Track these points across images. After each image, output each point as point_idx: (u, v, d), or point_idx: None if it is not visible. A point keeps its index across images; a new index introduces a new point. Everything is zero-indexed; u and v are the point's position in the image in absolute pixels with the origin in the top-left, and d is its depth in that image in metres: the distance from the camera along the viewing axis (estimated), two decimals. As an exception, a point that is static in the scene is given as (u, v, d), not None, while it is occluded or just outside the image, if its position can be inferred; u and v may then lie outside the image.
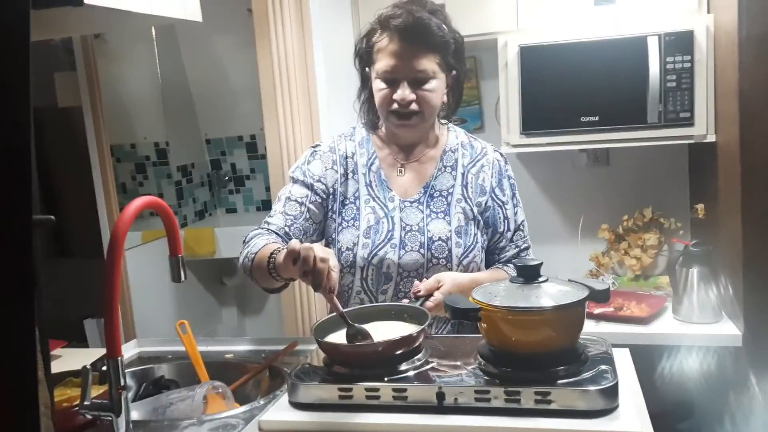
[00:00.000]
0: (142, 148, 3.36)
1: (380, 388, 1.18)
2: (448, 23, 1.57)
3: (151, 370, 1.65)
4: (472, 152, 1.66)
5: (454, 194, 1.61)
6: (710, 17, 2.20)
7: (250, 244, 1.56)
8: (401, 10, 1.53)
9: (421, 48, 1.51)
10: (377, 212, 1.59)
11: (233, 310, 3.78)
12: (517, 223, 1.67)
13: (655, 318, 2.28)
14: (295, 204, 1.61)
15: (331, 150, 1.66)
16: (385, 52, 1.53)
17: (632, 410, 1.11)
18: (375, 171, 1.63)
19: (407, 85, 1.52)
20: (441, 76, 1.55)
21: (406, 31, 1.50)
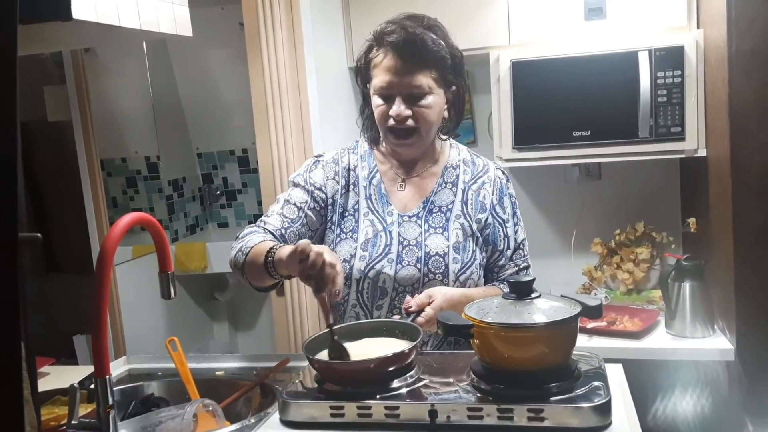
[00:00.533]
0: (133, 163, 3.35)
1: (372, 406, 1.17)
2: (446, 38, 1.56)
3: (140, 388, 1.63)
4: (473, 169, 1.65)
5: (454, 210, 1.60)
6: (700, 32, 2.22)
7: (245, 239, 1.55)
8: (396, 25, 1.53)
9: (416, 64, 1.50)
10: (376, 225, 1.59)
11: (225, 325, 3.76)
12: (518, 241, 1.66)
13: (648, 332, 2.27)
14: (294, 208, 1.61)
15: (334, 161, 1.67)
16: (381, 68, 1.53)
17: (626, 427, 1.10)
18: (375, 185, 1.63)
19: (403, 101, 1.52)
20: (438, 92, 1.55)
21: (400, 46, 1.50)
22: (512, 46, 2.43)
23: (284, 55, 2.29)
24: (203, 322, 3.67)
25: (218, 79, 3.53)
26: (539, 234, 2.79)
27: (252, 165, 3.57)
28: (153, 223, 1.24)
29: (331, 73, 2.52)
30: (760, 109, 1.93)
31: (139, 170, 3.35)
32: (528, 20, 2.41)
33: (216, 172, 3.68)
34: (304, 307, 2.42)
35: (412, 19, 1.55)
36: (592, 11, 2.34)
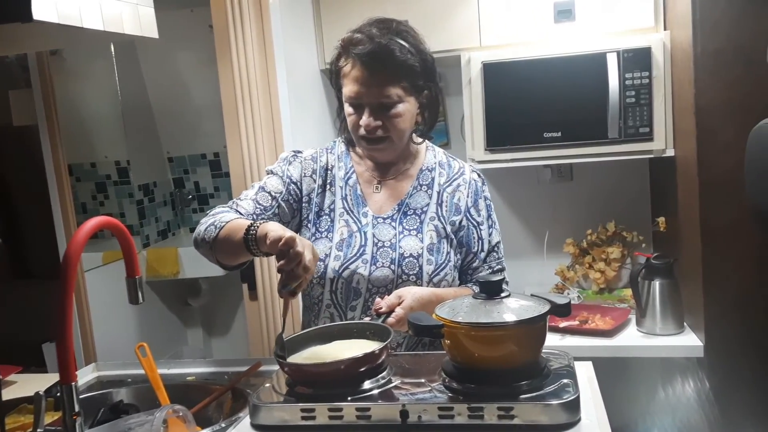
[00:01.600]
0: (102, 167, 3.31)
1: (343, 407, 1.16)
2: (417, 43, 1.54)
3: (109, 395, 1.61)
4: (449, 171, 1.65)
5: (428, 212, 1.60)
6: (666, 34, 2.25)
7: (218, 216, 1.52)
8: (362, 35, 1.51)
9: (385, 74, 1.49)
10: (351, 226, 1.59)
11: (199, 330, 3.72)
12: (492, 244, 1.66)
13: (620, 330, 2.29)
14: (268, 196, 1.60)
15: (313, 159, 1.66)
16: (350, 78, 1.52)
17: (594, 423, 1.11)
18: (352, 185, 1.63)
19: (371, 111, 1.51)
20: (409, 99, 1.54)
21: (367, 58, 1.48)
22: (483, 48, 2.44)
23: (254, 57, 2.28)
24: (176, 328, 3.63)
25: (189, 82, 3.50)
26: (513, 235, 2.80)
27: (224, 169, 3.55)
28: (119, 227, 1.22)
29: (303, 75, 2.51)
30: (725, 109, 1.97)
31: (109, 175, 3.31)
32: (498, 22, 2.42)
33: (187, 176, 3.65)
34: (278, 311, 2.41)
35: (380, 25, 1.53)
36: (561, 13, 2.36)
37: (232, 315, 3.66)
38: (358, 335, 1.36)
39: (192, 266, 3.27)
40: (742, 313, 2.03)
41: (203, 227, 1.52)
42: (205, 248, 1.51)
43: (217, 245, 1.47)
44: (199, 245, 1.53)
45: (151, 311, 3.41)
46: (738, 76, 1.94)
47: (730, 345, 2.06)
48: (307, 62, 2.58)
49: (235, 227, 1.44)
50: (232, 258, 1.50)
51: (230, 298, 3.56)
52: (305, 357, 1.32)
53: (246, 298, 2.48)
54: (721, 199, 1.99)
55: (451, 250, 1.59)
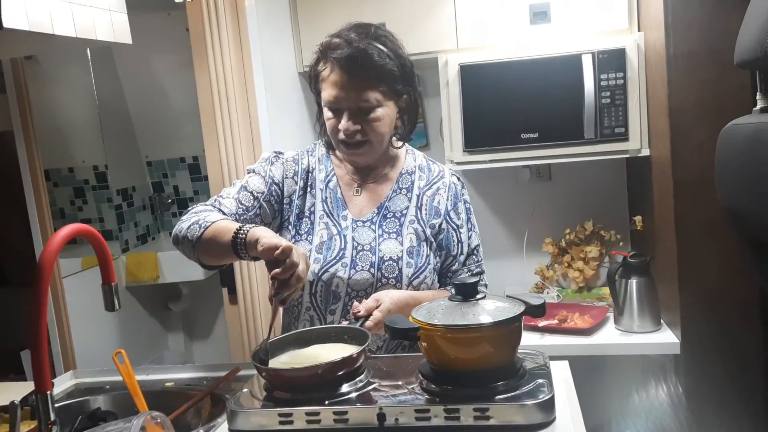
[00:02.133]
0: (80, 172, 3.28)
1: (321, 411, 1.16)
2: (395, 48, 1.54)
3: (87, 402, 1.60)
4: (429, 175, 1.66)
5: (408, 216, 1.61)
6: (640, 35, 2.28)
7: (201, 214, 1.50)
8: (341, 39, 1.51)
9: (363, 79, 1.49)
10: (330, 229, 1.59)
11: (180, 335, 3.70)
12: (471, 247, 1.66)
13: (598, 329, 2.32)
14: (250, 196, 1.59)
15: (294, 161, 1.66)
16: (328, 83, 1.52)
17: (569, 423, 1.12)
18: (332, 188, 1.63)
19: (350, 116, 1.51)
20: (388, 104, 1.54)
21: (346, 62, 1.48)
22: (460, 50, 2.46)
23: (231, 60, 2.27)
24: (157, 333, 3.61)
25: (166, 86, 3.48)
26: (492, 235, 2.82)
27: (203, 172, 3.53)
28: (93, 234, 1.22)
29: (280, 78, 2.51)
30: (697, 109, 1.99)
31: (87, 180, 3.29)
32: (475, 24, 2.44)
33: (166, 180, 3.63)
34: (258, 315, 2.40)
35: (358, 30, 1.53)
36: (537, 15, 2.38)
37: (213, 319, 3.64)
38: (336, 339, 1.37)
39: (172, 271, 3.25)
40: (718, 310, 2.06)
41: (185, 224, 1.49)
42: (186, 246, 1.49)
43: (201, 245, 1.45)
44: (179, 242, 1.51)
45: (132, 316, 3.38)
46: (710, 76, 1.97)
47: (706, 341, 2.09)
48: (285, 65, 2.58)
49: (221, 229, 1.42)
50: (217, 259, 1.49)
51: (211, 302, 3.54)
52: (283, 362, 1.32)
53: (226, 302, 2.48)
54: (696, 198, 2.02)
55: (431, 253, 1.60)
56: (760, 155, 1.15)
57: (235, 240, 1.37)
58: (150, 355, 3.47)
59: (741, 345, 2.04)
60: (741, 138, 1.23)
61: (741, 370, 2.04)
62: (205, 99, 2.34)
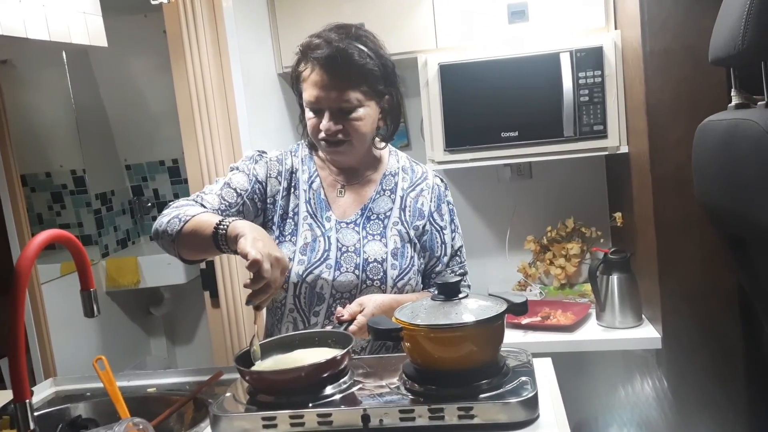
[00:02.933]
0: (58, 177, 3.24)
1: (305, 414, 1.15)
2: (376, 48, 1.54)
3: (67, 410, 1.57)
4: (412, 176, 1.66)
5: (391, 217, 1.60)
6: (617, 33, 2.29)
7: (182, 208, 1.48)
8: (321, 39, 1.50)
9: (344, 79, 1.49)
10: (314, 230, 1.58)
11: (162, 340, 3.67)
12: (455, 248, 1.67)
13: (580, 325, 2.33)
14: (233, 193, 1.57)
15: (278, 161, 1.65)
16: (309, 83, 1.51)
17: (552, 420, 1.13)
18: (315, 189, 1.63)
19: (331, 116, 1.50)
20: (369, 104, 1.53)
21: (326, 62, 1.48)
22: (439, 50, 2.46)
23: (209, 62, 2.25)
24: (139, 338, 3.57)
25: (144, 89, 3.46)
26: (475, 234, 2.83)
27: (183, 175, 3.50)
28: (70, 240, 1.20)
29: (260, 80, 2.50)
30: (674, 106, 2.01)
31: (65, 184, 3.25)
32: (454, 24, 2.44)
33: (146, 183, 3.60)
34: (241, 318, 2.39)
35: (339, 30, 1.53)
36: (514, 14, 2.39)
37: (196, 323, 3.62)
38: (320, 343, 1.36)
39: (153, 275, 3.22)
40: (698, 305, 2.08)
41: (166, 219, 1.47)
42: (166, 240, 1.47)
43: (182, 239, 1.43)
44: (159, 237, 1.48)
45: (113, 322, 3.35)
46: (686, 74, 1.99)
47: (687, 336, 2.11)
48: (264, 66, 2.57)
49: (202, 222, 1.40)
50: (197, 253, 1.47)
51: (193, 305, 3.52)
52: (266, 366, 1.31)
53: (208, 306, 2.46)
54: (674, 194, 2.04)
55: (415, 254, 1.60)
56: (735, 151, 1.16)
57: (216, 233, 1.35)
58: (132, 361, 3.44)
59: (722, 339, 2.07)
60: (716, 134, 1.25)
61: (722, 363, 2.07)
62: (184, 101, 2.32)
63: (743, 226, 1.22)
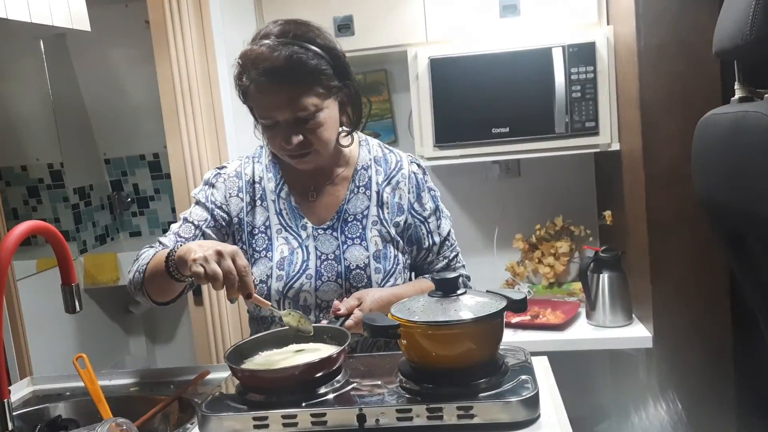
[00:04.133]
0: (34, 171, 3.16)
1: (298, 414, 1.11)
2: (325, 42, 1.42)
3: (46, 410, 1.51)
4: (386, 167, 1.56)
5: (369, 216, 1.52)
6: (610, 29, 2.28)
7: (141, 258, 1.46)
8: (262, 47, 1.37)
9: (296, 87, 1.37)
10: (291, 242, 1.50)
11: (141, 339, 3.60)
12: (443, 235, 1.60)
13: (570, 324, 2.31)
14: (191, 227, 1.51)
15: (237, 175, 1.55)
16: (258, 97, 1.39)
17: (554, 419, 1.10)
18: (285, 198, 1.53)
19: (290, 129, 1.39)
20: (327, 103, 1.42)
21: (272, 74, 1.34)
22: (430, 43, 2.42)
23: (194, 53, 2.20)
24: (118, 337, 3.50)
25: (125, 81, 3.38)
26: (462, 231, 2.78)
27: (164, 170, 3.44)
28: (52, 232, 1.15)
29: (246, 72, 2.44)
30: (668, 102, 2.00)
31: (42, 178, 3.17)
32: (444, 17, 2.41)
33: (126, 178, 3.53)
34: (225, 317, 2.34)
35: (280, 32, 1.39)
36: (506, 8, 2.36)
37: (177, 322, 3.55)
38: (315, 338, 1.32)
39: (133, 272, 3.16)
40: (689, 304, 2.07)
41: (131, 275, 1.45)
42: (138, 295, 1.46)
43: (147, 287, 1.40)
44: (133, 293, 1.48)
45: (91, 320, 3.27)
46: (680, 69, 1.97)
47: (677, 334, 2.10)
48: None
49: (156, 262, 1.36)
50: (166, 294, 1.43)
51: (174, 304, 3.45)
52: (258, 363, 1.26)
53: (191, 304, 2.40)
54: (666, 192, 2.02)
55: (398, 253, 1.54)
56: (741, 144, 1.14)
57: (168, 265, 1.31)
58: (110, 360, 3.37)
59: (712, 338, 2.06)
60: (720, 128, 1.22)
61: (712, 362, 2.06)
62: (167, 94, 2.26)
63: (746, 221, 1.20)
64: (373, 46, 2.45)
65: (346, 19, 2.43)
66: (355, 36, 2.44)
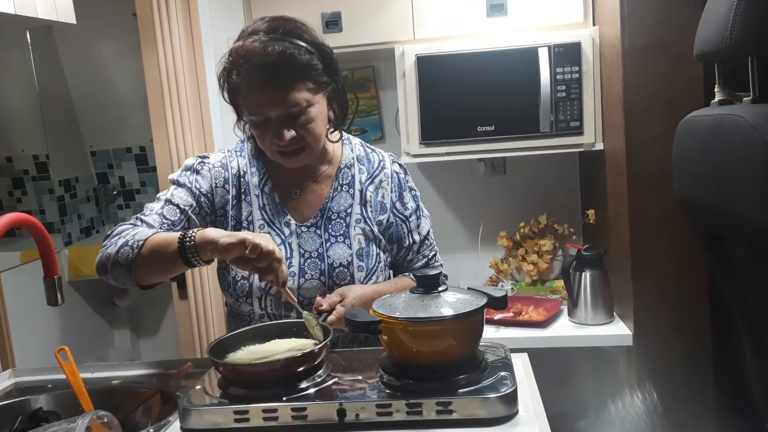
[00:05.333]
0: (19, 162, 3.15)
1: (278, 408, 1.12)
2: (313, 39, 1.43)
3: (27, 402, 1.51)
4: (369, 167, 1.58)
5: (353, 215, 1.53)
6: (596, 29, 2.29)
7: (128, 235, 1.39)
8: (253, 43, 1.37)
9: (287, 82, 1.37)
10: (273, 239, 1.48)
11: (126, 331, 3.59)
12: (423, 234, 1.63)
13: (552, 321, 2.33)
14: (176, 210, 1.47)
15: (223, 166, 1.54)
16: (248, 94, 1.38)
17: (532, 415, 1.11)
18: (268, 193, 1.53)
19: (282, 125, 1.39)
20: (318, 99, 1.42)
21: (264, 69, 1.34)
22: (417, 41, 2.43)
23: (181, 46, 2.20)
24: (102, 329, 3.49)
25: (112, 73, 3.37)
26: (447, 228, 2.82)
27: (151, 163, 3.43)
28: (34, 224, 1.15)
29: (233, 67, 2.44)
30: (651, 103, 2.02)
31: (27, 170, 3.16)
32: (432, 15, 2.42)
33: (112, 171, 3.52)
34: (209, 310, 2.34)
35: (270, 29, 1.40)
36: (493, 7, 2.37)
37: (161, 315, 3.54)
38: (297, 334, 1.33)
39: (118, 265, 3.15)
40: (669, 302, 2.10)
41: (112, 249, 1.38)
42: (119, 272, 1.38)
43: (140, 264, 1.35)
44: (109, 270, 1.39)
45: (75, 312, 3.26)
46: (664, 71, 1.99)
47: (657, 333, 2.12)
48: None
49: (161, 241, 1.33)
50: (160, 275, 1.39)
51: (159, 297, 3.44)
52: (240, 357, 1.27)
53: (175, 297, 2.40)
54: (649, 192, 2.05)
55: (380, 251, 1.55)
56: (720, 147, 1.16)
57: (182, 246, 1.29)
58: (94, 353, 3.37)
59: (691, 336, 2.09)
60: (700, 130, 1.24)
61: (691, 360, 2.09)
62: (154, 87, 2.25)
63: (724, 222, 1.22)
64: (361, 43, 2.46)
65: (334, 15, 2.43)
66: (343, 32, 2.44)
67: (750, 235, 1.10)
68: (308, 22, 1.47)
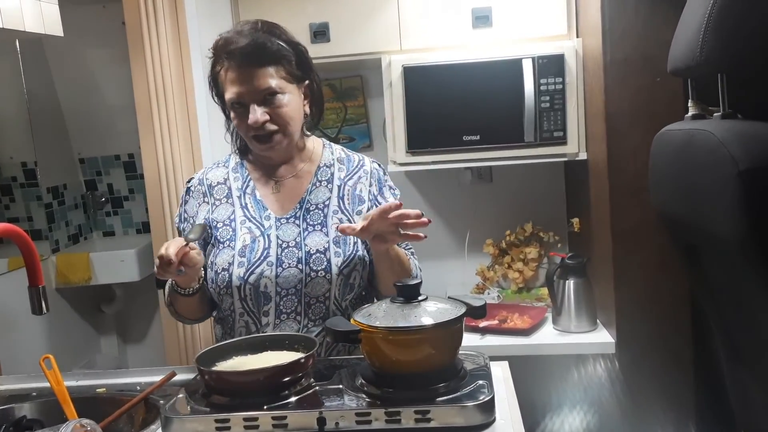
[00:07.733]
0: (7, 169, 3.13)
1: (259, 417, 1.14)
2: (288, 38, 1.55)
3: (11, 410, 1.51)
4: (349, 165, 1.65)
5: (330, 206, 1.59)
6: (579, 41, 2.33)
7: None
8: (232, 33, 1.52)
9: (261, 66, 1.49)
10: (253, 231, 1.56)
11: (113, 338, 3.59)
12: None
13: (537, 329, 2.36)
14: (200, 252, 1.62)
15: (200, 182, 1.67)
16: (228, 80, 1.51)
17: (508, 423, 1.13)
18: (250, 193, 1.61)
19: (257, 107, 1.50)
20: (291, 88, 1.53)
21: (242, 55, 1.48)
22: (404, 51, 2.46)
23: (169, 55, 2.21)
24: (89, 336, 3.48)
25: (101, 81, 3.37)
26: (434, 236, 2.83)
27: (139, 170, 3.42)
28: (19, 234, 1.16)
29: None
30: (632, 115, 2.05)
31: (15, 177, 3.15)
32: (418, 26, 2.45)
33: (100, 178, 3.51)
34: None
35: (248, 24, 1.54)
36: (479, 19, 2.40)
37: (148, 322, 3.54)
38: (289, 347, 1.34)
39: (105, 272, 3.15)
40: (651, 310, 2.13)
41: None
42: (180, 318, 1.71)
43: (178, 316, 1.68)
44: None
45: (62, 319, 3.25)
46: (644, 83, 2.03)
47: (639, 340, 2.15)
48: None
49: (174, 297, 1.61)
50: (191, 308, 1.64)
51: (146, 304, 3.44)
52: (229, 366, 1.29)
53: (162, 305, 2.41)
54: (630, 201, 2.08)
55: (358, 241, 1.58)
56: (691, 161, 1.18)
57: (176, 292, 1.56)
58: (81, 360, 3.35)
59: (673, 344, 2.11)
60: (673, 144, 1.27)
61: (672, 367, 2.11)
62: (142, 94, 2.27)
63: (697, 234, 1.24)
64: (348, 53, 2.48)
65: (322, 26, 2.46)
66: (331, 42, 2.46)
67: (721, 250, 1.13)
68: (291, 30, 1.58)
